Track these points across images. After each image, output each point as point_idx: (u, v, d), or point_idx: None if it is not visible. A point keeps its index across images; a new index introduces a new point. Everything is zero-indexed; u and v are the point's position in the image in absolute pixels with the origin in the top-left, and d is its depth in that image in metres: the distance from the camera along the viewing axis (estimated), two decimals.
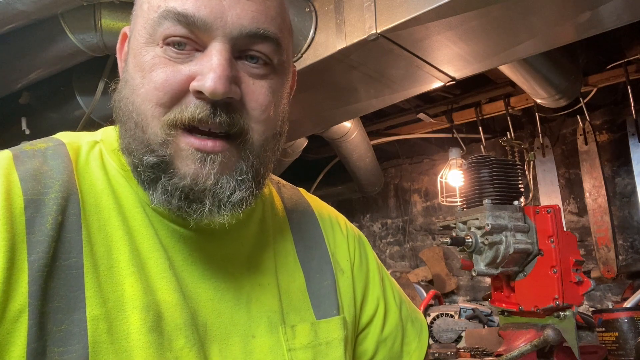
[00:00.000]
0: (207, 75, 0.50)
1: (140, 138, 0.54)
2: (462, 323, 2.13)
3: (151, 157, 0.53)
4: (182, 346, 0.54)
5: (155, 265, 0.56)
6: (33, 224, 0.50)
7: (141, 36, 0.54)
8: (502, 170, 1.21)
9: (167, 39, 0.52)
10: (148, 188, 0.55)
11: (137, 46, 0.54)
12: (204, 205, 0.53)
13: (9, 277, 0.47)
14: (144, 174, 0.54)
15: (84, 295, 0.50)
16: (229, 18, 0.52)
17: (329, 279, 0.70)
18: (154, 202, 0.54)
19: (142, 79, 0.53)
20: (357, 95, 1.79)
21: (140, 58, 0.54)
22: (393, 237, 3.70)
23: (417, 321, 0.81)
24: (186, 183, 0.52)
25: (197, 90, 0.51)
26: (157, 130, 0.53)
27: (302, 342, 0.63)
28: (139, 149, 0.54)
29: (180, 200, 0.53)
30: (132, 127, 0.54)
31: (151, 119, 0.53)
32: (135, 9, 0.58)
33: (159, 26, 0.52)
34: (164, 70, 0.52)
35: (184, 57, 0.53)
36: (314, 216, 0.76)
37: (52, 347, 0.48)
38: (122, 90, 0.57)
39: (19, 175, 0.53)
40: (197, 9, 0.51)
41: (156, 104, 0.52)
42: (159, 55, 0.53)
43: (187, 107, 0.52)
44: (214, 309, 0.59)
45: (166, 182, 0.53)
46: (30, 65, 1.63)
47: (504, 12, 1.26)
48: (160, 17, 0.52)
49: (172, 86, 0.52)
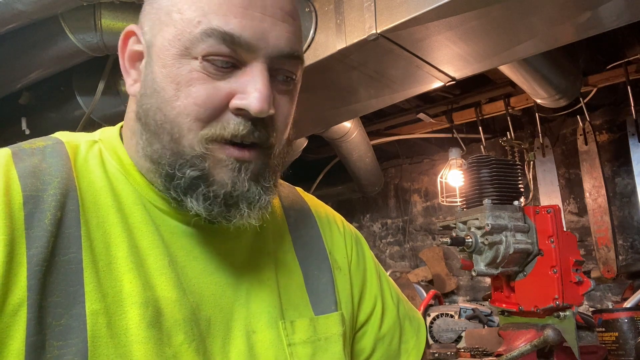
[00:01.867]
0: (251, 95, 0.53)
1: (173, 149, 0.55)
2: (462, 323, 2.13)
3: (192, 170, 0.55)
4: (181, 342, 0.55)
5: (155, 261, 0.57)
6: (32, 219, 0.51)
7: (173, 47, 0.54)
8: (502, 170, 1.21)
9: (209, 56, 0.53)
10: (185, 196, 0.56)
11: (168, 56, 0.54)
12: (241, 210, 0.57)
13: (7, 271, 0.48)
14: (183, 184, 0.55)
15: (83, 290, 0.51)
16: (269, 40, 0.54)
17: (327, 276, 0.71)
18: (193, 209, 0.56)
19: (176, 91, 0.54)
20: (357, 95, 1.79)
21: (175, 70, 0.54)
22: (393, 237, 3.70)
23: (415, 319, 0.82)
24: (227, 190, 0.55)
25: (240, 108, 0.54)
26: (193, 143, 0.54)
27: (302, 337, 0.63)
28: (173, 160, 0.55)
29: (221, 206, 0.56)
30: (166, 139, 0.55)
31: (187, 132, 0.54)
32: (152, 11, 0.58)
33: (201, 42, 0.53)
34: (204, 86, 0.54)
35: (222, 74, 0.54)
36: (311, 214, 0.76)
37: (51, 341, 0.48)
38: (147, 98, 0.57)
39: (17, 172, 0.53)
40: (242, 29, 0.53)
41: (195, 119, 0.54)
42: (196, 70, 0.54)
43: (229, 123, 0.54)
44: (216, 304, 0.60)
45: (206, 190, 0.55)
46: (30, 65, 1.63)
47: (504, 12, 1.26)
48: (203, 34, 0.53)
49: (213, 103, 0.54)
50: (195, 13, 0.53)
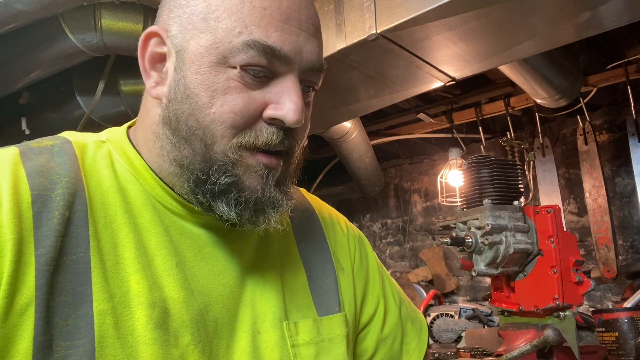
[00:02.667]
0: (287, 106, 0.55)
1: (205, 155, 0.56)
2: (462, 323, 2.13)
3: (227, 177, 0.56)
4: (187, 343, 0.55)
5: (163, 262, 0.57)
6: (40, 218, 0.51)
7: (210, 54, 0.54)
8: (502, 170, 1.21)
9: (247, 67, 0.54)
10: (215, 201, 0.57)
11: (203, 63, 0.55)
12: (267, 215, 0.58)
13: (16, 271, 0.48)
14: (216, 190, 0.56)
15: (91, 289, 0.51)
16: (304, 54, 0.57)
17: (331, 277, 0.71)
18: (224, 214, 0.57)
19: (211, 98, 0.54)
20: (357, 95, 1.79)
21: (211, 77, 0.54)
22: (393, 237, 3.70)
23: (417, 321, 0.82)
24: (258, 196, 0.57)
25: (275, 117, 0.56)
26: (226, 149, 0.55)
27: (305, 338, 0.64)
28: (204, 166, 0.56)
29: (251, 212, 0.57)
30: (198, 145, 0.56)
31: (220, 139, 0.55)
32: (182, 15, 0.57)
33: (242, 53, 0.54)
34: (241, 96, 0.55)
35: (257, 84, 0.56)
36: (315, 215, 0.77)
37: (58, 341, 0.48)
38: (178, 104, 0.56)
39: (26, 171, 0.53)
40: (282, 43, 0.54)
41: (230, 126, 0.55)
42: (234, 79, 0.54)
43: (262, 132, 0.56)
44: (224, 304, 0.60)
45: (237, 195, 0.56)
46: (30, 65, 1.63)
47: (504, 12, 1.26)
48: (245, 45, 0.53)
49: (249, 111, 0.55)
50: (236, 23, 0.54)
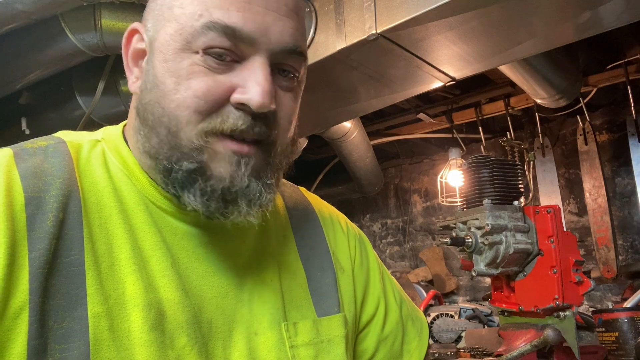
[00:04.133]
0: (252, 89, 0.52)
1: (171, 142, 0.54)
2: (462, 323, 2.13)
3: (189, 163, 0.54)
4: (184, 344, 0.54)
5: (157, 263, 0.56)
6: (34, 221, 0.50)
7: (175, 41, 0.54)
8: (502, 170, 1.21)
9: (209, 49, 0.53)
10: (182, 191, 0.55)
11: (169, 50, 0.54)
12: (240, 207, 0.55)
13: (9, 274, 0.47)
14: (180, 177, 0.55)
15: (85, 292, 0.50)
16: (272, 34, 0.54)
17: (330, 277, 0.70)
18: (190, 205, 0.55)
19: (176, 85, 0.53)
20: (357, 95, 1.79)
21: (175, 64, 0.54)
22: (393, 237, 3.70)
23: (418, 320, 0.82)
24: (225, 185, 0.54)
25: (241, 102, 0.53)
26: (191, 136, 0.54)
27: (304, 339, 0.63)
28: (170, 154, 0.55)
29: (219, 202, 0.55)
30: (163, 132, 0.55)
31: (186, 125, 0.54)
32: (155, 8, 0.58)
33: (202, 36, 0.52)
34: (204, 79, 0.53)
35: (223, 68, 0.54)
36: (314, 215, 0.76)
37: (53, 344, 0.48)
38: (147, 93, 0.56)
39: (19, 173, 0.53)
40: (244, 23, 0.52)
41: (194, 111, 0.53)
42: (197, 64, 0.53)
43: (228, 117, 0.54)
44: (218, 305, 0.59)
45: (204, 184, 0.54)
46: (31, 65, 1.63)
47: (504, 12, 1.26)
48: (204, 27, 0.52)
49: (214, 96, 0.53)
50: (197, 7, 0.53)
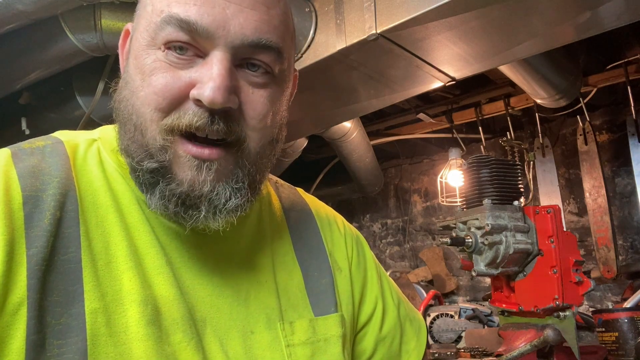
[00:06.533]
0: (206, 85, 0.51)
1: (139, 141, 0.54)
2: (462, 323, 2.13)
3: (151, 162, 0.53)
4: (179, 340, 0.55)
5: (152, 261, 0.57)
6: (31, 219, 0.51)
7: (143, 38, 0.54)
8: (502, 170, 1.21)
9: (169, 44, 0.53)
10: (146, 191, 0.56)
11: (138, 48, 0.55)
12: (199, 212, 0.54)
13: (8, 271, 0.48)
14: (142, 178, 0.55)
15: (83, 289, 0.51)
16: (231, 27, 0.52)
17: (327, 277, 0.70)
18: (151, 206, 0.55)
19: (142, 81, 0.53)
20: (357, 95, 1.79)
21: (141, 60, 0.54)
22: (393, 237, 3.70)
23: (416, 320, 0.82)
24: (183, 189, 0.53)
25: (196, 98, 0.52)
26: (155, 134, 0.53)
27: (301, 339, 0.63)
28: (137, 152, 0.55)
29: (177, 205, 0.54)
30: (132, 130, 0.55)
31: (150, 123, 0.53)
32: (138, 8, 0.58)
33: (161, 30, 0.52)
34: (164, 75, 0.52)
35: (184, 63, 0.53)
36: (311, 215, 0.76)
37: (51, 340, 0.48)
38: (122, 91, 0.57)
39: (17, 172, 0.53)
40: (200, 16, 0.51)
41: (155, 108, 0.53)
42: (159, 60, 0.53)
43: (185, 113, 0.52)
44: (213, 304, 0.59)
45: (164, 187, 0.54)
46: (30, 65, 1.63)
47: (504, 12, 1.26)
48: (163, 21, 0.52)
49: (171, 92, 0.52)
50: (162, 3, 0.53)
